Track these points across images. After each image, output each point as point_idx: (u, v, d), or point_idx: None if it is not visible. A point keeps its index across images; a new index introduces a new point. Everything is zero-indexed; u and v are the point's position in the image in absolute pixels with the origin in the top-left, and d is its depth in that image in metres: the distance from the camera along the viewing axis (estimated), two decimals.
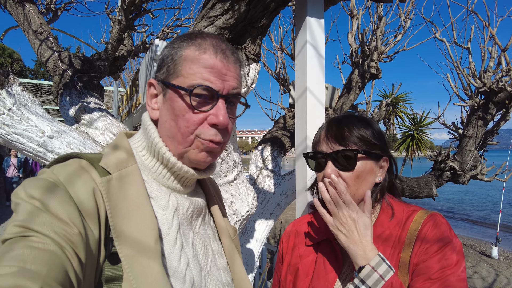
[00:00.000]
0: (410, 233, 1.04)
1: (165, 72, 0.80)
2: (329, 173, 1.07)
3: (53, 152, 1.75)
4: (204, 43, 0.79)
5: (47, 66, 2.77)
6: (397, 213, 1.10)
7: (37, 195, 0.61)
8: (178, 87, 0.76)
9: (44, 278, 0.51)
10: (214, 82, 0.77)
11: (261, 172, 3.42)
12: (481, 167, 3.01)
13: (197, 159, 0.80)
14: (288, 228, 1.35)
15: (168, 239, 0.76)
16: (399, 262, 1.02)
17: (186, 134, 0.77)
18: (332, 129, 1.12)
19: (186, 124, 0.77)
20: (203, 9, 1.58)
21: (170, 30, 4.64)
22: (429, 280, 0.94)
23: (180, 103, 0.77)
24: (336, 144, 1.09)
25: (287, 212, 12.23)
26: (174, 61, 0.79)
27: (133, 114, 4.52)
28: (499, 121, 3.05)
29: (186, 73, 0.77)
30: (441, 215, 1.08)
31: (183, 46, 0.79)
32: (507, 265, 8.85)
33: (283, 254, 1.29)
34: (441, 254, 0.97)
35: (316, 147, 1.16)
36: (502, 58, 2.92)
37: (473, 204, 19.69)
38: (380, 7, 3.62)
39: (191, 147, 0.79)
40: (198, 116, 0.77)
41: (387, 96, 4.50)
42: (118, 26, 2.92)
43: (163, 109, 0.81)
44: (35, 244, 0.55)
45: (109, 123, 2.33)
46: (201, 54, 0.77)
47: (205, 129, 0.77)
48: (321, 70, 1.79)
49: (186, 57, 0.78)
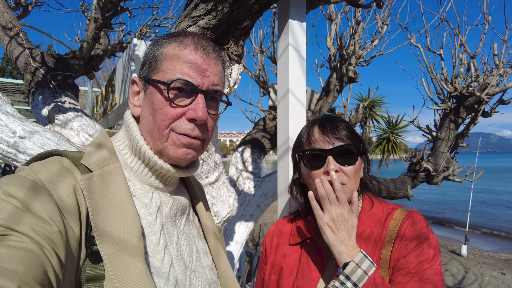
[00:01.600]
0: (390, 230, 1.08)
1: (147, 68, 0.81)
2: (333, 168, 1.08)
3: (25, 153, 1.67)
4: (185, 40, 0.80)
5: (17, 63, 2.64)
6: (377, 211, 1.15)
7: (15, 193, 0.58)
8: (157, 81, 0.77)
9: (22, 277, 0.49)
10: (193, 77, 0.77)
11: (241, 174, 3.41)
12: (452, 168, 3.14)
13: (176, 156, 0.79)
14: (271, 228, 1.35)
15: (152, 237, 0.75)
16: (380, 259, 1.06)
17: (161, 127, 0.77)
18: (327, 127, 1.14)
19: (163, 117, 0.77)
20: (186, 8, 1.55)
21: (148, 29, 4.55)
22: (408, 274, 0.99)
23: (159, 97, 0.77)
24: (336, 140, 1.12)
25: (265, 214, 12.25)
26: (155, 58, 0.79)
27: (109, 115, 4.39)
28: (469, 124, 3.19)
29: (166, 69, 0.77)
30: (419, 212, 1.14)
31: (165, 43, 0.80)
32: (475, 262, 9.26)
33: (266, 254, 1.30)
34: (419, 249, 1.02)
35: (309, 144, 1.16)
36: (471, 64, 3.06)
37: (444, 204, 20.52)
38: (358, 12, 3.71)
39: (167, 142, 0.78)
40: (176, 110, 0.77)
41: (363, 100, 4.61)
42: (94, 24, 2.83)
43: (143, 105, 0.81)
44: (12, 243, 0.53)
45: (84, 124, 2.25)
46: (182, 50, 0.78)
47: (181, 123, 0.77)
48: (302, 72, 1.81)
49: (167, 53, 0.78)
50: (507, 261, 9.56)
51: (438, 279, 0.98)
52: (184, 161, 0.81)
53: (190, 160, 0.83)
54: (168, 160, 0.81)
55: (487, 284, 7.47)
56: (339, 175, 1.09)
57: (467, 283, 7.52)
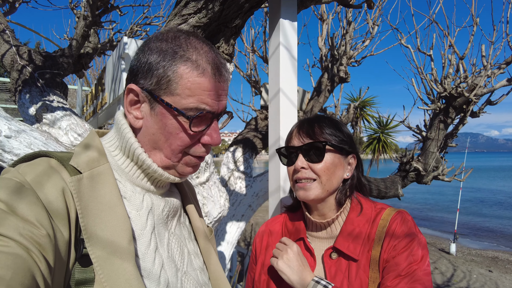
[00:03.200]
0: (379, 230, 1.09)
1: (155, 84, 0.73)
2: (299, 165, 1.13)
3: (11, 153, 1.63)
4: (200, 60, 0.74)
5: (3, 61, 2.58)
6: (366, 211, 1.15)
7: (1, 196, 0.57)
8: (175, 109, 0.73)
9: (9, 282, 0.48)
10: (211, 105, 0.76)
11: (232, 173, 3.40)
12: (442, 168, 3.18)
13: (184, 173, 0.81)
14: (261, 228, 1.35)
15: (142, 240, 0.74)
16: (370, 259, 1.06)
17: (176, 151, 0.77)
18: (304, 126, 1.18)
19: (180, 143, 0.76)
20: (176, 6, 1.54)
21: (138, 28, 4.51)
22: (398, 277, 0.99)
23: (174, 122, 0.75)
24: (307, 138, 1.15)
25: (257, 214, 12.26)
26: (167, 76, 0.73)
27: (98, 114, 4.33)
28: (458, 124, 3.24)
29: (183, 94, 0.73)
30: (407, 212, 1.15)
31: (177, 59, 0.73)
32: (464, 260, 9.42)
33: (256, 254, 1.30)
34: (408, 250, 1.02)
35: (288, 143, 1.22)
36: (460, 65, 3.11)
37: (433, 203, 20.80)
38: (349, 12, 3.73)
39: (179, 163, 0.79)
40: (193, 137, 0.77)
41: (354, 100, 4.64)
42: (84, 22, 2.79)
43: (150, 120, 0.76)
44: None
45: (73, 123, 2.22)
46: (200, 76, 0.73)
47: (196, 147, 0.78)
48: (294, 72, 1.80)
49: (182, 75, 0.72)
50: (494, 258, 9.74)
51: (427, 280, 1.00)
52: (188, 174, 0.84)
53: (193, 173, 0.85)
54: (173, 173, 0.81)
55: (475, 282, 7.60)
56: (306, 171, 1.13)
57: (456, 281, 7.64)
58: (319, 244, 1.17)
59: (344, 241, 1.09)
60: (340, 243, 1.10)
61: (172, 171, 0.81)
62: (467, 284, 7.46)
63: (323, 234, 1.18)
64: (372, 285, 1.03)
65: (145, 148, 0.79)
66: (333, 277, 1.08)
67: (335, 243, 1.11)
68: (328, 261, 1.11)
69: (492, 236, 12.95)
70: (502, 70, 2.97)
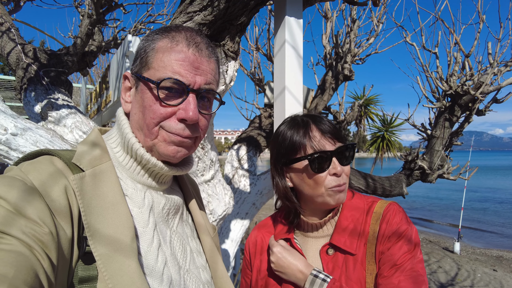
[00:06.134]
0: (372, 223, 1.11)
1: (138, 64, 0.79)
2: (340, 171, 1.09)
3: (17, 151, 1.64)
4: (177, 36, 0.77)
5: (8, 59, 2.59)
6: (359, 205, 1.16)
7: (4, 194, 0.57)
8: (147, 80, 0.75)
9: (12, 280, 0.48)
10: (184, 75, 0.74)
11: (236, 171, 3.40)
12: (447, 167, 3.15)
13: (166, 153, 0.78)
14: (253, 232, 1.33)
15: (145, 237, 0.74)
16: (366, 253, 1.08)
17: (151, 125, 0.75)
18: (324, 127, 1.11)
19: (152, 115, 0.75)
20: (182, 4, 1.53)
21: (142, 26, 4.51)
22: (394, 266, 1.03)
23: (149, 95, 0.76)
24: (337, 141, 1.11)
25: (261, 212, 12.26)
26: (146, 53, 0.77)
27: (103, 112, 4.34)
28: (463, 122, 3.21)
29: (157, 66, 0.75)
30: (398, 204, 1.16)
31: (157, 38, 0.78)
32: (468, 259, 9.37)
33: (250, 260, 1.29)
34: (402, 240, 1.05)
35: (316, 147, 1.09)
36: (466, 63, 3.08)
37: (437, 202, 20.72)
38: (353, 10, 3.71)
39: (157, 139, 0.77)
40: (165, 110, 0.75)
41: (359, 98, 4.62)
42: (88, 20, 2.79)
43: (134, 101, 0.79)
44: (1, 245, 0.51)
45: (78, 121, 2.22)
46: (173, 46, 0.76)
47: (171, 122, 0.76)
48: (299, 69, 1.80)
49: (158, 49, 0.76)
50: (499, 257, 9.69)
51: (420, 267, 1.04)
52: (174, 158, 0.80)
53: (182, 158, 0.82)
54: (159, 157, 0.79)
55: (479, 281, 7.56)
56: (344, 176, 1.11)
57: (460, 280, 7.61)
58: (314, 242, 1.18)
59: (340, 237, 1.11)
60: (336, 239, 1.10)
61: (155, 154, 0.79)
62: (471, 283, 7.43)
63: (319, 233, 1.18)
64: (369, 277, 1.05)
65: (135, 134, 0.79)
66: (331, 272, 1.09)
67: (331, 239, 1.12)
68: (325, 257, 1.12)
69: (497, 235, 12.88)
70: (509, 67, 2.94)
